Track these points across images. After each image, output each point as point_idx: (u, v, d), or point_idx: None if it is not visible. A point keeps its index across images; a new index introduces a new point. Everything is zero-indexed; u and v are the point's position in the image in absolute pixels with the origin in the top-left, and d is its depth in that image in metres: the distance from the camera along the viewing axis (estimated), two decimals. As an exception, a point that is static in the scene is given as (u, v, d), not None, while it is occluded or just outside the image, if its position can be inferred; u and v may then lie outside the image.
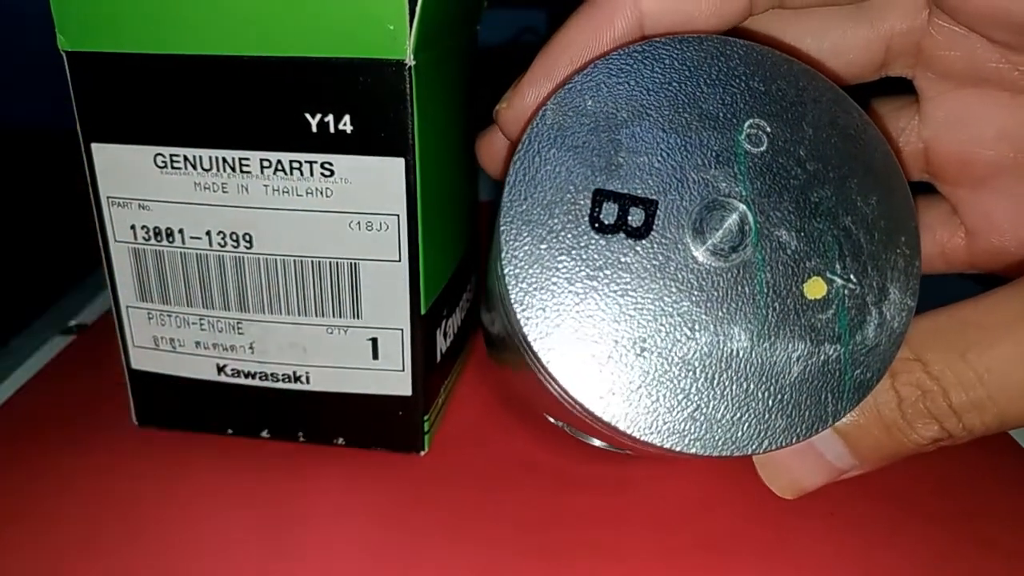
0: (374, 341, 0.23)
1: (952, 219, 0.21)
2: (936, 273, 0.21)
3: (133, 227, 0.22)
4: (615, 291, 0.16)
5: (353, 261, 0.22)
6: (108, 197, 0.22)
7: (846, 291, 0.16)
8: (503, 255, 0.16)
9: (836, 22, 0.19)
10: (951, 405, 0.16)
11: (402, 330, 0.23)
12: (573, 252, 0.16)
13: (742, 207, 0.16)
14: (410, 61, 0.20)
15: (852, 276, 0.16)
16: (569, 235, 0.16)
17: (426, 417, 0.24)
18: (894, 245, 0.16)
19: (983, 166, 0.19)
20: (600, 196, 0.16)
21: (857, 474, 0.17)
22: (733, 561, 0.21)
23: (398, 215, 0.21)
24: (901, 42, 0.19)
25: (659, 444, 0.15)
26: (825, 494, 0.18)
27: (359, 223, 0.21)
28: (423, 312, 0.23)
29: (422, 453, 0.25)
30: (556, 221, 0.16)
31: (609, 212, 0.16)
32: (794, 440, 0.16)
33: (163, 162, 0.22)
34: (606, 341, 0.15)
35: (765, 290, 0.16)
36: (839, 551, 0.21)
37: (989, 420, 0.16)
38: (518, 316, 0.16)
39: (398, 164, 0.21)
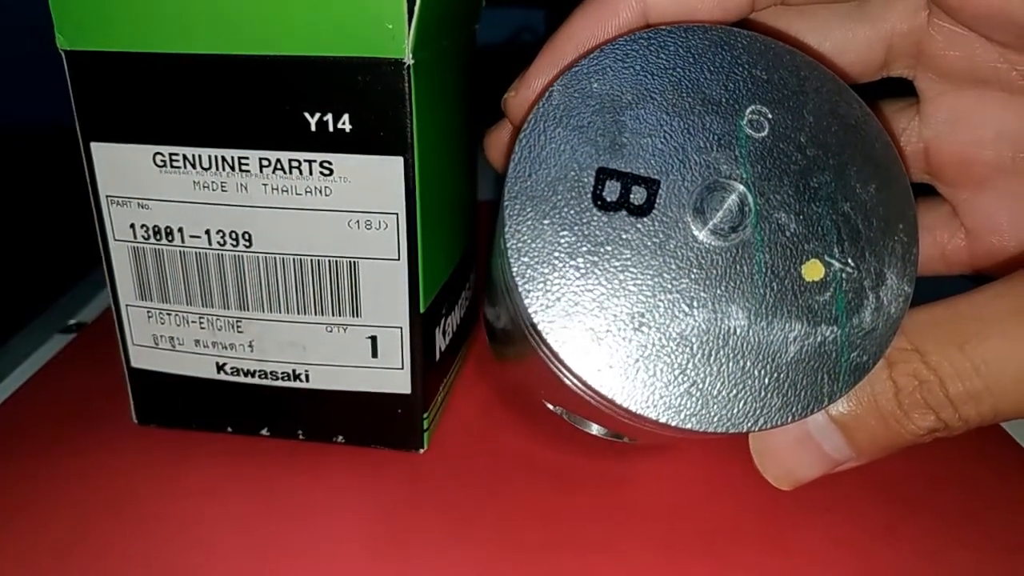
0: (373, 339, 0.23)
1: (952, 220, 0.21)
2: (937, 275, 0.21)
3: (132, 226, 0.23)
4: (616, 267, 0.16)
5: (352, 260, 0.22)
6: (107, 196, 0.22)
7: (844, 274, 0.16)
8: (506, 229, 0.16)
9: (837, 21, 0.19)
10: (948, 395, 0.16)
11: (401, 328, 0.23)
12: (575, 228, 0.16)
13: (742, 188, 0.16)
14: (409, 60, 0.20)
15: (850, 260, 0.16)
16: (572, 211, 0.16)
17: (425, 415, 0.24)
18: (892, 232, 0.16)
19: (982, 166, 0.19)
20: (603, 174, 0.16)
21: (854, 466, 0.17)
22: (733, 556, 0.21)
23: (397, 214, 0.21)
24: (902, 42, 0.19)
25: (655, 418, 0.15)
26: (823, 488, 0.18)
27: (358, 222, 0.21)
28: (422, 310, 0.23)
29: (421, 451, 0.25)
30: (559, 197, 0.16)
31: (612, 190, 0.16)
32: (789, 419, 0.16)
33: (162, 161, 0.22)
34: (605, 315, 0.16)
35: (763, 270, 0.16)
36: (838, 545, 0.21)
37: (985, 411, 0.16)
38: (520, 289, 0.16)
39: (397, 163, 0.21)
